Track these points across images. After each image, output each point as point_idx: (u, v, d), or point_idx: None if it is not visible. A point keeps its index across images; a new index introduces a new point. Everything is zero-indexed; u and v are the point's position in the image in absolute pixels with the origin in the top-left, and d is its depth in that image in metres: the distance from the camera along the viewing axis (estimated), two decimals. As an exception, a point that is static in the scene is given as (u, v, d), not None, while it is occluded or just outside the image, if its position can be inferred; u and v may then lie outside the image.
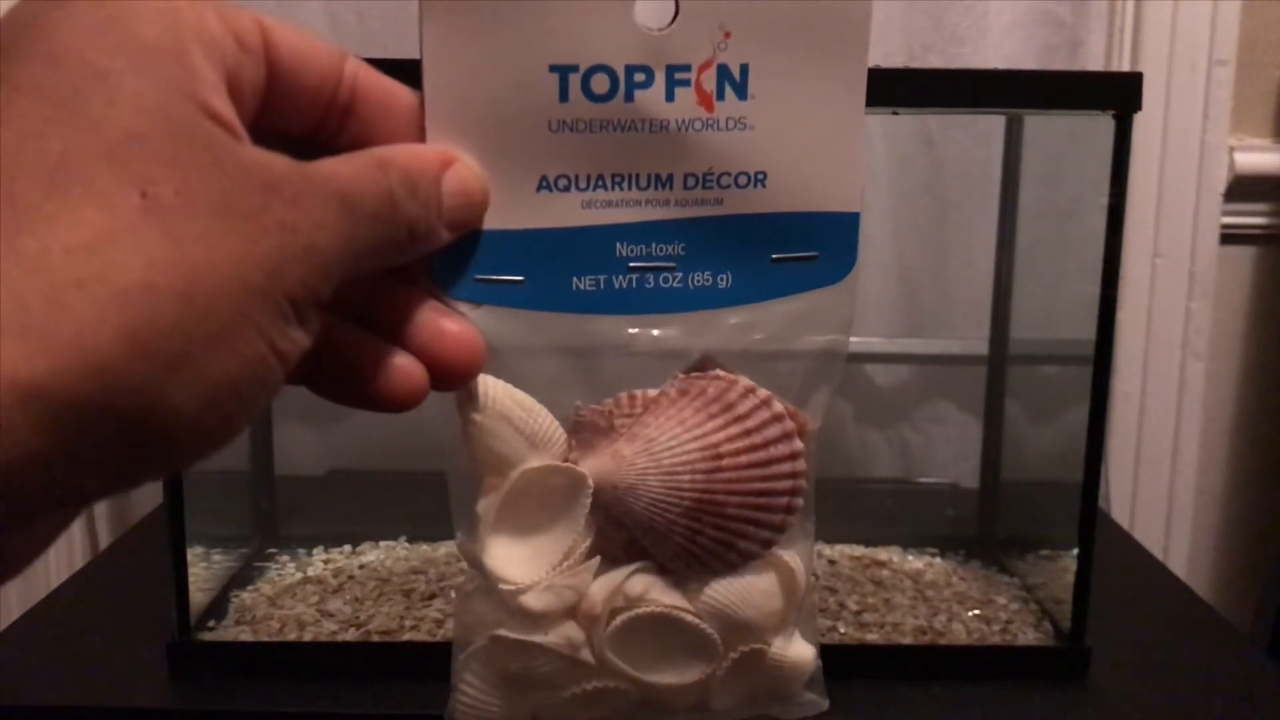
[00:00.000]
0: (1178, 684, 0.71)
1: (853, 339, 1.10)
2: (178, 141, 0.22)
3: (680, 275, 0.31)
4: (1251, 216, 1.09)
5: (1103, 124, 0.63)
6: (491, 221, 0.29)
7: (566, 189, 0.30)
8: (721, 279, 0.31)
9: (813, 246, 0.31)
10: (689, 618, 0.31)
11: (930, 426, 1.09)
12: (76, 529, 1.08)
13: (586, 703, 0.32)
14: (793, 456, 0.31)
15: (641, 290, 0.31)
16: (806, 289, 0.32)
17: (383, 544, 0.87)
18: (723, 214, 0.30)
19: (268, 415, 0.91)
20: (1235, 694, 0.70)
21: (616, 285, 0.30)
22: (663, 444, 0.31)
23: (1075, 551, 0.69)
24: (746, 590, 0.32)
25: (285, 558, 0.85)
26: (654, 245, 0.30)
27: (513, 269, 0.30)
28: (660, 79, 0.29)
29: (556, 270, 0.30)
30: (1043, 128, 0.81)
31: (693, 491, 0.30)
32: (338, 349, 0.27)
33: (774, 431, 0.31)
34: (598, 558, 0.31)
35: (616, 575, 0.31)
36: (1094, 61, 1.04)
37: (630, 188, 0.30)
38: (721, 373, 0.32)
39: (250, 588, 0.79)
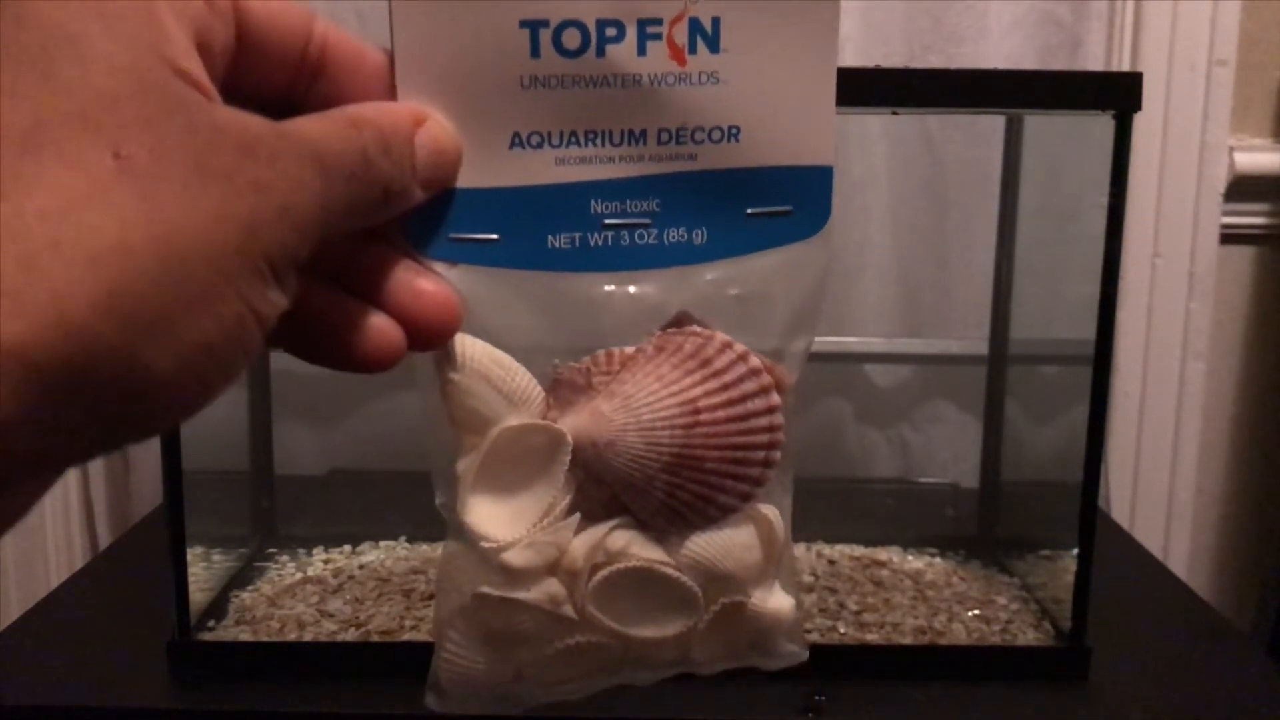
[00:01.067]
0: (1177, 684, 0.71)
1: (852, 339, 1.10)
2: (150, 102, 0.22)
3: (655, 231, 0.31)
4: (1251, 216, 1.09)
5: (1103, 124, 0.63)
6: (465, 180, 0.29)
7: (539, 146, 0.30)
8: (697, 234, 0.31)
9: (787, 201, 0.31)
10: (670, 571, 0.31)
11: (930, 426, 1.09)
12: (76, 529, 1.08)
13: (569, 658, 0.32)
14: (770, 411, 0.31)
15: (617, 247, 0.31)
16: (782, 243, 0.32)
17: (383, 544, 0.87)
18: (697, 169, 0.30)
19: (268, 415, 0.91)
20: (1235, 694, 0.70)
21: (591, 243, 0.30)
22: (641, 400, 0.31)
23: (1075, 551, 0.69)
24: (726, 543, 0.32)
25: (285, 558, 0.85)
26: (628, 202, 0.30)
27: (487, 227, 0.30)
28: (631, 33, 0.29)
29: (531, 228, 0.30)
30: (1043, 128, 0.81)
31: (671, 447, 0.30)
32: (314, 310, 0.27)
33: (751, 386, 0.31)
34: (578, 514, 0.31)
35: (597, 531, 0.31)
36: (1094, 61, 1.04)
37: (604, 144, 0.30)
38: (698, 329, 0.32)
39: (250, 588, 0.79)
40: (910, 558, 0.87)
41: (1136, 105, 0.63)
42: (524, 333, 0.31)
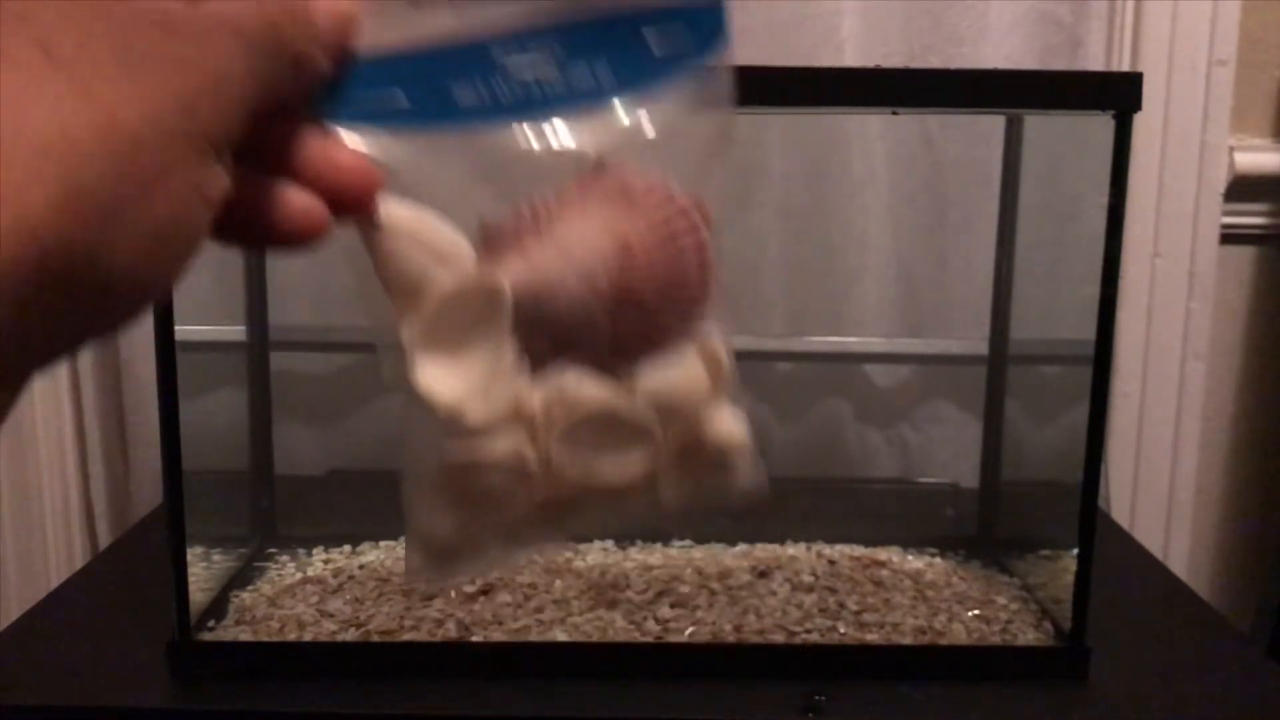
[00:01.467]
0: (1177, 683, 0.71)
1: (852, 339, 1.10)
2: None
3: (561, 76, 0.31)
4: (1251, 216, 1.09)
5: (1103, 124, 0.63)
6: (367, 43, 0.29)
7: (435, 1, 0.29)
8: (602, 74, 0.31)
9: (685, 30, 0.31)
10: (626, 408, 0.32)
11: (930, 426, 1.09)
12: (76, 529, 1.08)
13: (540, 513, 0.32)
14: (699, 240, 0.32)
15: (525, 96, 0.30)
16: (685, 72, 0.32)
17: (383, 544, 0.87)
18: (597, 8, 0.30)
19: (268, 416, 0.91)
20: (1235, 693, 0.70)
21: (499, 94, 0.30)
22: (573, 243, 0.31)
23: (1075, 551, 0.69)
24: (675, 375, 0.32)
25: (285, 558, 0.85)
26: (531, 48, 0.30)
27: (392, 89, 0.29)
28: None
29: (437, 85, 0.30)
30: (1043, 128, 0.81)
31: (609, 285, 0.31)
32: (236, 193, 0.27)
33: (678, 220, 0.31)
34: (527, 367, 0.31)
35: (550, 378, 0.31)
36: (1094, 62, 1.04)
37: None
38: (618, 168, 0.32)
39: (250, 588, 0.79)
40: (910, 558, 0.87)
41: (1136, 105, 0.63)
42: (444, 191, 0.30)
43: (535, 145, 0.31)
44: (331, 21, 0.28)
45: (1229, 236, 1.09)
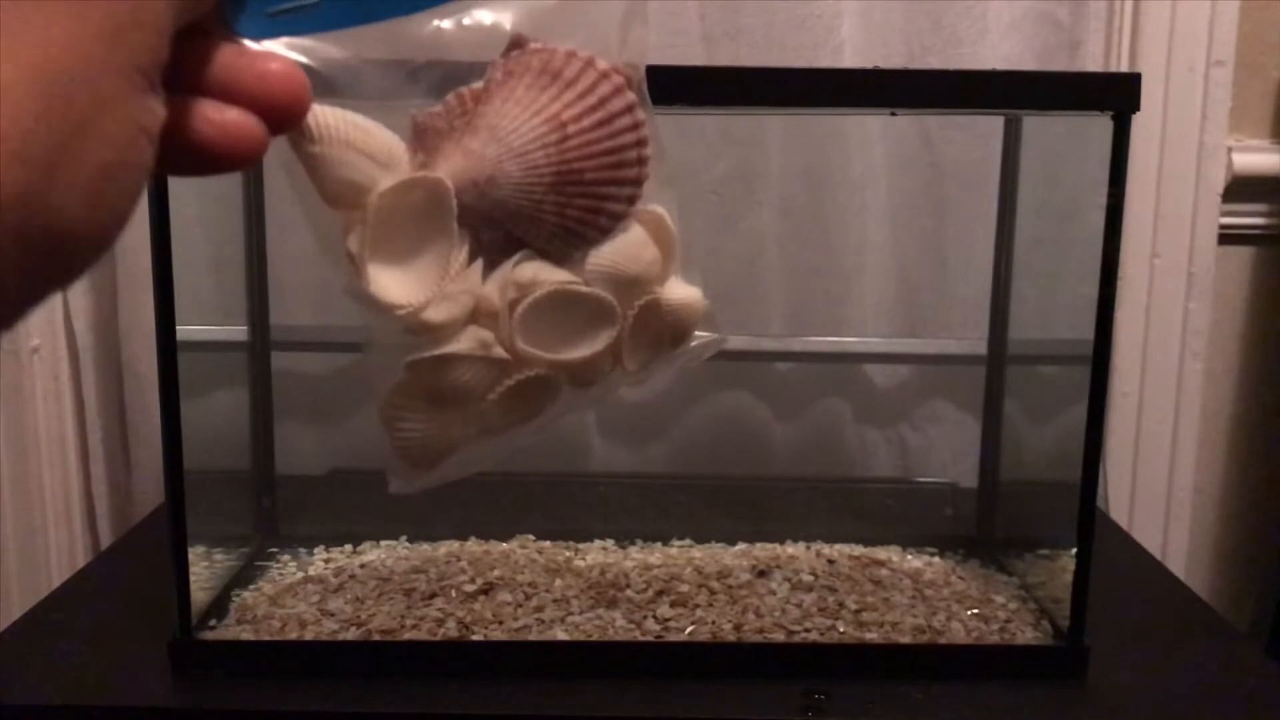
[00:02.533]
0: (1176, 682, 0.71)
1: (852, 339, 1.10)
2: None
3: None
4: (1250, 217, 1.10)
5: (1101, 124, 0.63)
6: None
7: None
8: None
9: None
10: (582, 288, 0.32)
11: (929, 426, 1.09)
12: (78, 529, 1.08)
13: (511, 400, 0.32)
14: (629, 109, 0.32)
15: None
16: None
17: (383, 543, 0.88)
18: None
19: (269, 415, 0.91)
20: (1233, 692, 0.70)
21: None
22: (507, 128, 0.31)
23: (1074, 551, 0.69)
24: (624, 248, 0.32)
25: (286, 557, 0.85)
26: None
27: None
28: None
29: None
30: (1041, 128, 0.81)
31: (549, 166, 0.31)
32: (168, 120, 0.26)
33: (605, 89, 0.31)
34: (480, 261, 0.31)
35: (504, 269, 0.31)
36: (1092, 62, 1.04)
37: None
38: (539, 45, 0.32)
39: (251, 587, 0.80)
40: (909, 557, 0.87)
41: (1135, 106, 0.63)
42: (370, 90, 0.30)
43: (450, 29, 0.30)
44: None
45: (1227, 237, 1.09)
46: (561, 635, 0.72)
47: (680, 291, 0.34)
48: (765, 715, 0.66)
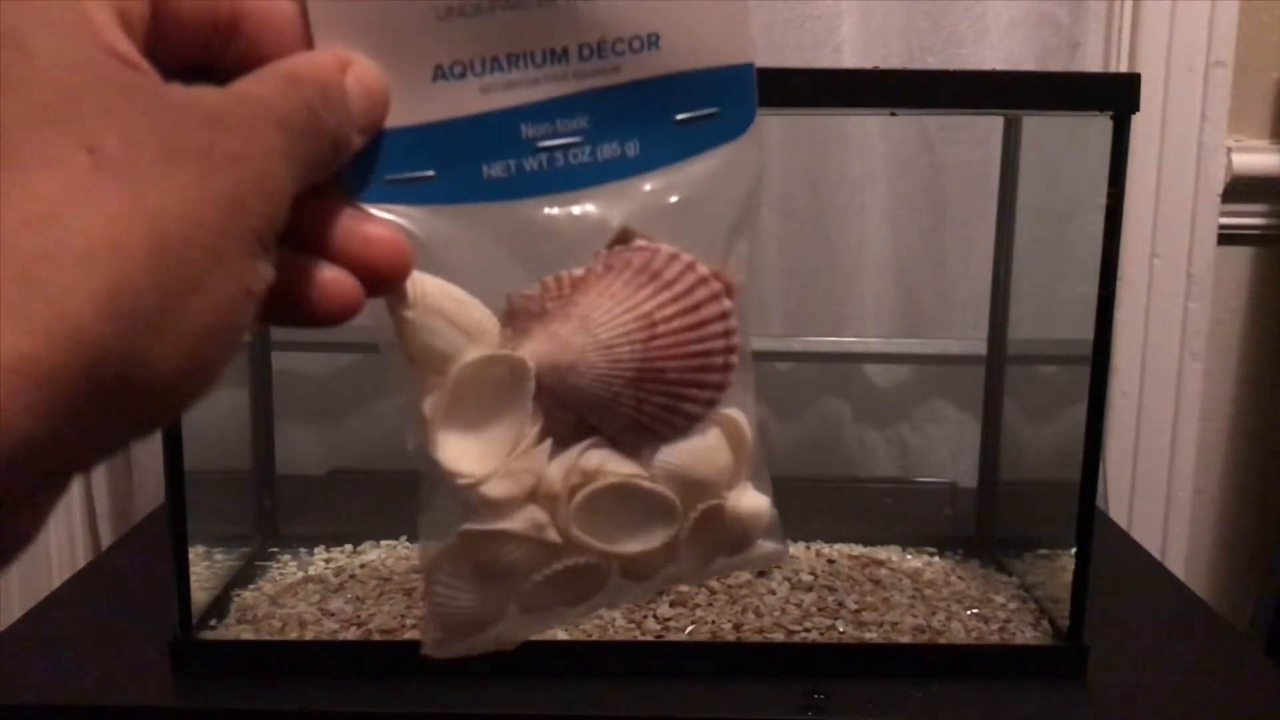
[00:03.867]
0: (1175, 682, 0.71)
1: (852, 339, 1.10)
2: (106, 92, 0.21)
3: (588, 149, 0.31)
4: (1249, 217, 1.10)
5: (1100, 125, 0.63)
6: (393, 119, 0.29)
7: (463, 76, 0.29)
8: (629, 147, 0.31)
9: (713, 103, 0.32)
10: (646, 484, 0.32)
11: (929, 426, 1.09)
12: (78, 529, 1.08)
13: (559, 583, 0.32)
14: (723, 316, 0.32)
15: (552, 169, 0.30)
16: (712, 146, 0.32)
17: (384, 543, 0.88)
18: (621, 81, 0.30)
19: (269, 415, 0.91)
20: (1233, 692, 0.70)
21: (526, 168, 0.30)
22: (597, 319, 0.31)
23: (1073, 550, 0.69)
24: (696, 450, 0.32)
25: (286, 557, 0.85)
26: (558, 122, 0.30)
27: (421, 165, 0.29)
28: None
29: (464, 160, 0.30)
30: (1041, 129, 0.81)
31: (633, 362, 0.31)
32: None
33: (702, 294, 0.32)
34: (549, 440, 0.31)
35: (571, 453, 0.31)
36: (1092, 63, 1.04)
37: (527, 66, 0.30)
38: (644, 242, 0.32)
39: (252, 587, 0.80)
40: (909, 557, 0.87)
41: (1134, 106, 0.63)
42: (472, 265, 0.30)
43: (561, 216, 0.31)
44: (363, 99, 0.28)
45: (1227, 237, 1.09)
46: (561, 635, 0.72)
47: (748, 500, 0.34)
48: (765, 715, 0.66)
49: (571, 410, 0.31)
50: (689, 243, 0.32)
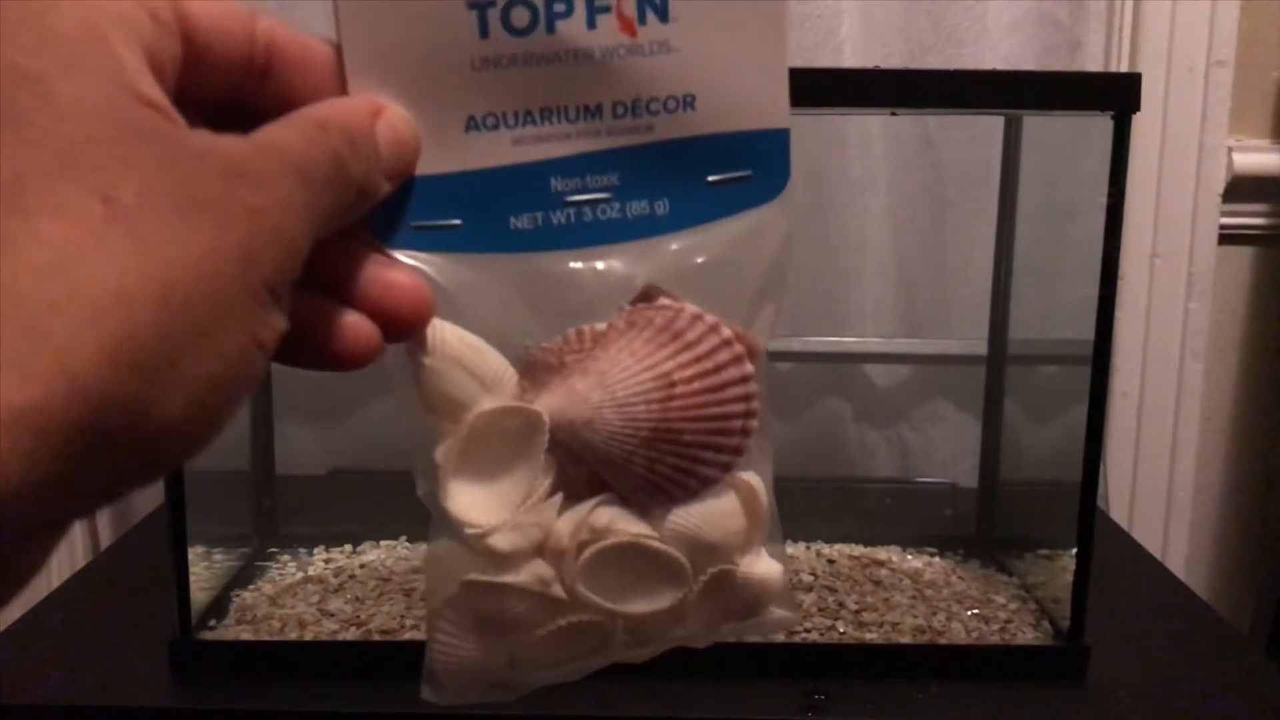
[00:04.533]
0: (1176, 683, 0.71)
1: (852, 339, 1.10)
2: (126, 140, 0.21)
3: (617, 205, 0.31)
4: (1250, 217, 1.10)
5: (1101, 125, 0.63)
6: (423, 167, 0.29)
7: (495, 127, 0.29)
8: (659, 206, 0.31)
9: (746, 166, 0.31)
10: (656, 545, 0.31)
11: (929, 426, 1.09)
12: (77, 529, 1.08)
13: (562, 639, 0.32)
14: (744, 380, 0.32)
15: (580, 224, 0.30)
16: (743, 209, 0.32)
17: (383, 543, 0.88)
18: (654, 140, 0.30)
19: (269, 415, 0.91)
20: (1233, 693, 0.70)
21: (554, 221, 0.30)
22: (615, 376, 0.31)
23: (1074, 551, 0.69)
24: (709, 513, 0.32)
25: (286, 557, 0.85)
26: (589, 177, 0.30)
27: (449, 213, 0.29)
28: (580, 7, 0.29)
29: (493, 211, 0.30)
30: (1041, 128, 0.81)
31: (649, 421, 0.31)
32: (290, 316, 0.26)
33: (724, 356, 0.31)
34: (560, 495, 0.31)
35: (580, 510, 0.31)
36: (1093, 62, 1.04)
37: (560, 121, 0.30)
38: (667, 301, 0.32)
39: (251, 587, 0.80)
40: (909, 557, 0.87)
41: (1135, 106, 0.63)
42: (493, 315, 0.30)
43: (585, 270, 0.31)
44: (394, 147, 0.27)
45: (1227, 237, 1.09)
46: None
47: (761, 566, 0.34)
48: (765, 715, 0.66)
49: (584, 466, 0.31)
50: (714, 304, 0.31)
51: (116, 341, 0.20)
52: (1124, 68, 1.04)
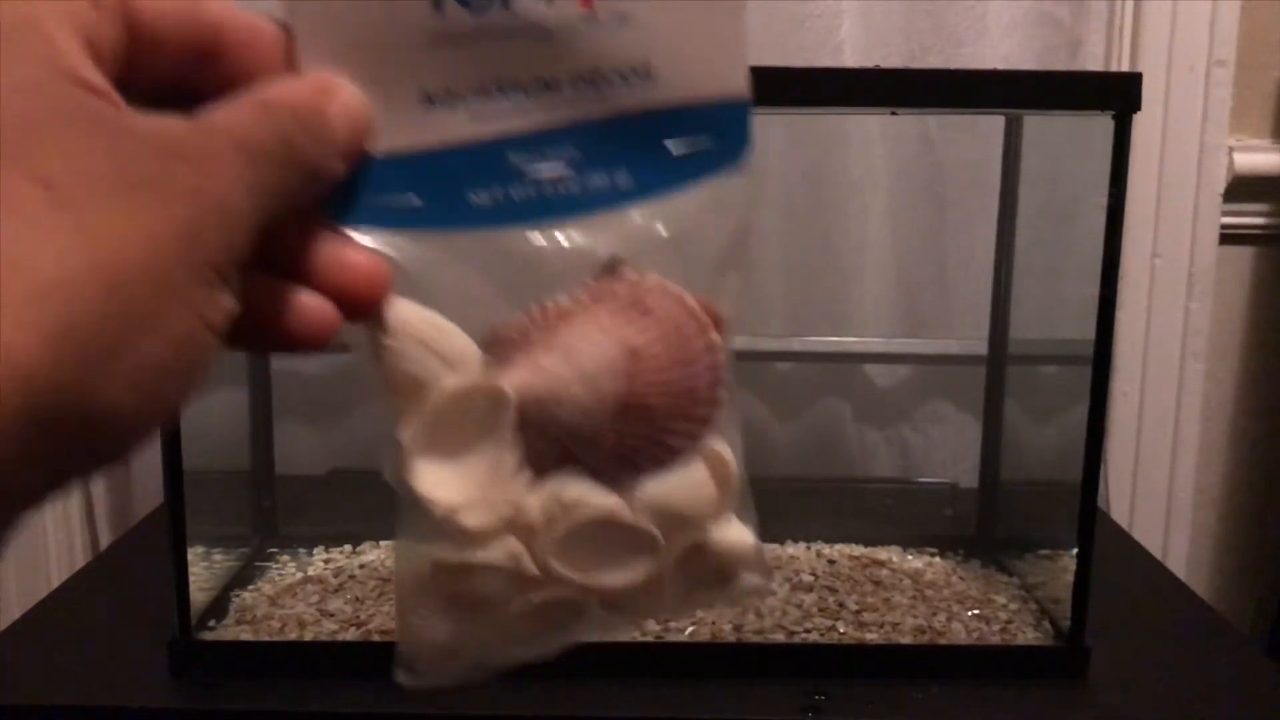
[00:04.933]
0: (1176, 683, 0.71)
1: (852, 339, 1.10)
2: (65, 123, 0.21)
3: (577, 179, 0.30)
4: (1250, 216, 1.10)
5: (1102, 124, 0.63)
6: (379, 145, 0.29)
7: (452, 102, 0.29)
8: (619, 178, 0.31)
9: (706, 135, 0.31)
10: (627, 517, 0.31)
11: (929, 426, 1.09)
12: (77, 529, 1.08)
13: (536, 615, 0.32)
14: (710, 349, 0.31)
15: (540, 198, 0.30)
16: (705, 178, 0.31)
17: (383, 543, 0.87)
18: (614, 113, 0.30)
19: (268, 416, 0.91)
20: (1234, 693, 0.70)
21: (514, 196, 0.30)
22: (581, 350, 0.30)
23: (1074, 551, 0.69)
24: (679, 484, 0.32)
25: (286, 557, 0.85)
26: (548, 151, 0.30)
27: (406, 190, 0.29)
28: None
29: (451, 187, 0.30)
30: (1042, 128, 0.81)
31: (616, 394, 0.30)
32: (244, 298, 0.26)
33: (690, 327, 0.31)
34: (528, 471, 0.31)
35: (550, 485, 0.31)
36: (1093, 62, 1.04)
37: (517, 96, 0.29)
38: (631, 273, 0.31)
39: (251, 587, 0.80)
40: (910, 557, 0.87)
41: (1136, 106, 0.63)
42: (455, 293, 0.30)
43: (547, 245, 0.31)
44: (347, 126, 0.27)
45: (1228, 237, 1.09)
46: (561, 636, 0.72)
47: (732, 534, 0.34)
48: (765, 715, 0.66)
49: (552, 441, 0.31)
50: (677, 275, 0.31)
51: (58, 330, 0.20)
52: (1125, 67, 1.04)
